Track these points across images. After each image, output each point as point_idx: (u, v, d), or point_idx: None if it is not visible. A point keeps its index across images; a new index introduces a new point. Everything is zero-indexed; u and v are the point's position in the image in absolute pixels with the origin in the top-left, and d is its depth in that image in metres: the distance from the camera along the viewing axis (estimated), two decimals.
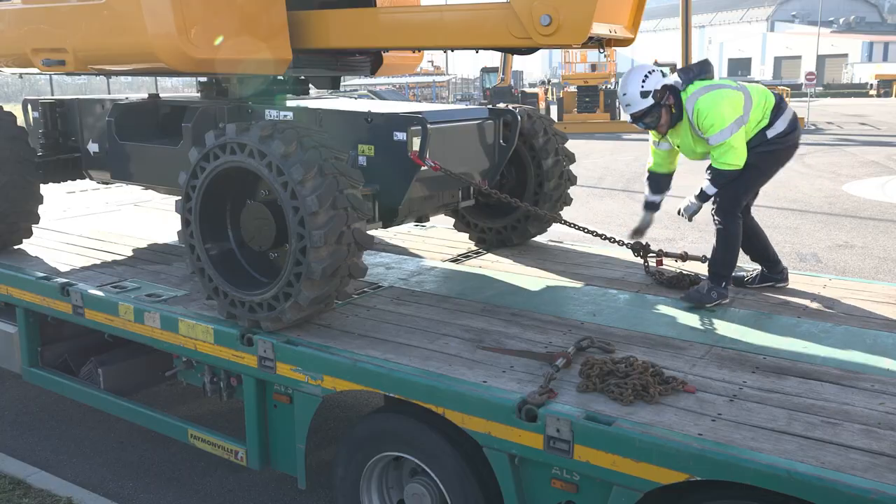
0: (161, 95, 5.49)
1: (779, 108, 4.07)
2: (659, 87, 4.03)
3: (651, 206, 4.57)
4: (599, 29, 3.82)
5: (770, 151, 4.08)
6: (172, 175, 4.20)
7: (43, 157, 5.40)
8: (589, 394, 2.96)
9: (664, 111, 4.08)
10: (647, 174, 4.56)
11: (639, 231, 4.64)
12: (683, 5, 27.76)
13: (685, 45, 27.59)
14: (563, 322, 3.82)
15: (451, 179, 4.35)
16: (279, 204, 3.55)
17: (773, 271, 4.40)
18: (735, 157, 3.98)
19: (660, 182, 4.52)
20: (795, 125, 4.14)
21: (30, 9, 4.67)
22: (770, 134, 4.05)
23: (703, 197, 4.18)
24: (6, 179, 5.03)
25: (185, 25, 4.03)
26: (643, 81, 4.03)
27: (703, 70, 4.15)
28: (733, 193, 4.09)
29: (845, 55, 70.44)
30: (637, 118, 4.10)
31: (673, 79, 4.10)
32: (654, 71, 4.09)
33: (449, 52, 4.79)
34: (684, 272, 4.50)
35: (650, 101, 4.03)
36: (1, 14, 4.84)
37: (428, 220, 5.46)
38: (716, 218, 4.14)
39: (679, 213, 4.35)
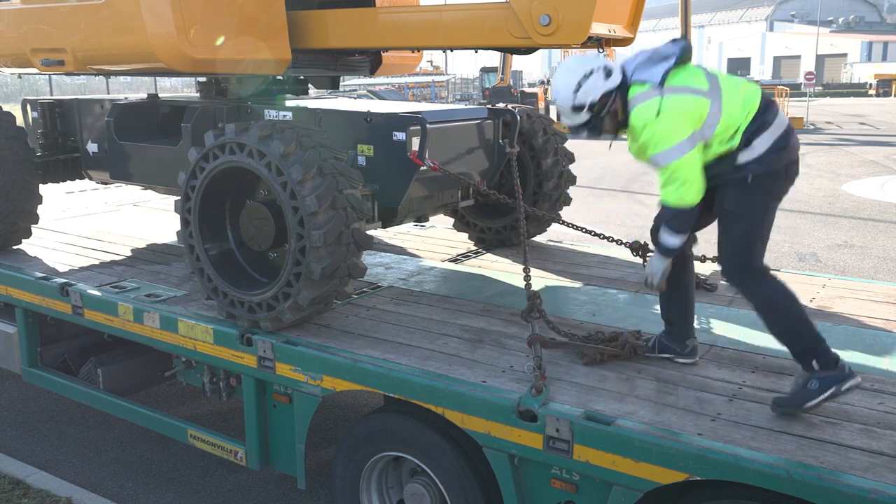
0: (160, 95, 5.48)
1: (763, 119, 2.93)
2: (598, 98, 3.02)
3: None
4: (599, 29, 3.82)
5: (760, 176, 2.95)
6: (172, 175, 4.20)
7: (42, 157, 5.40)
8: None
9: (608, 118, 3.09)
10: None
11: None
12: (683, 5, 27.72)
13: None
14: (562, 322, 3.82)
15: (450, 179, 4.35)
16: (278, 204, 3.55)
17: (678, 340, 3.29)
18: (684, 190, 2.94)
19: None
20: (787, 140, 2.95)
21: (29, 9, 4.67)
22: (743, 159, 2.94)
23: (665, 251, 3.11)
24: (5, 179, 5.03)
25: (184, 25, 4.03)
26: (575, 92, 3.04)
27: (662, 58, 2.99)
28: (732, 244, 3.01)
29: (844, 55, 70.54)
30: (574, 130, 3.18)
31: (615, 75, 3.04)
32: (592, 73, 3.02)
33: (448, 52, 4.78)
34: None
35: (585, 116, 3.07)
36: (0, 14, 4.84)
37: (427, 220, 5.46)
38: (733, 287, 3.08)
39: (646, 283, 3.19)
